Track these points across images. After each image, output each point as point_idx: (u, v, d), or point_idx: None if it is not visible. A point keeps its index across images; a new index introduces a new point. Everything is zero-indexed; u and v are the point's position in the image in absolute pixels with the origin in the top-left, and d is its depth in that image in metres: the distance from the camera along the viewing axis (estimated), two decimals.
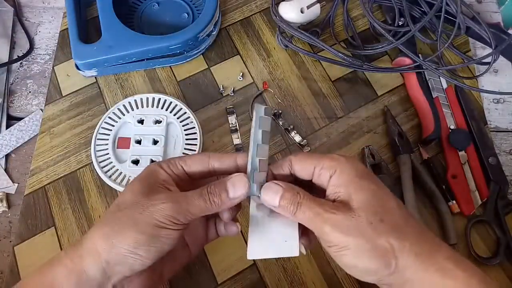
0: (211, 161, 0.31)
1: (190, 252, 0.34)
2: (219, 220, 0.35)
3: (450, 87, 0.51)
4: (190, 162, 0.31)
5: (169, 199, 0.28)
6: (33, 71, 0.55)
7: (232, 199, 0.29)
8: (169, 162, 0.31)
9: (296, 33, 0.51)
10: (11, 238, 0.46)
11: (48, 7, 0.60)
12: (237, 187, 0.29)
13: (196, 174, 0.32)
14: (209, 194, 0.29)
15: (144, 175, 0.31)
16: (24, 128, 0.51)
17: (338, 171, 0.28)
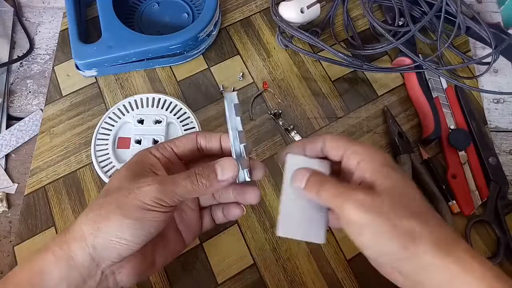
0: (198, 138, 0.32)
1: (183, 240, 0.35)
2: (216, 207, 0.35)
3: (450, 87, 0.51)
4: (179, 143, 0.32)
5: (155, 181, 0.28)
6: (33, 71, 0.55)
7: (220, 181, 0.29)
8: (158, 145, 0.32)
9: (296, 33, 0.51)
10: (11, 238, 0.46)
11: (48, 7, 0.60)
12: (226, 170, 0.29)
13: (186, 154, 0.32)
14: (197, 175, 0.29)
15: (132, 161, 0.31)
16: (24, 128, 0.51)
17: (368, 157, 0.29)
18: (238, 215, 0.35)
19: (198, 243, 0.44)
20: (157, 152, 0.31)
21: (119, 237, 0.27)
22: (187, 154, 0.32)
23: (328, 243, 0.44)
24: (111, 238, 0.27)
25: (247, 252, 0.44)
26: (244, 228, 0.45)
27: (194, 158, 0.33)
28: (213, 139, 0.32)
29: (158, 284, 0.43)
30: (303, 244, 0.44)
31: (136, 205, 0.27)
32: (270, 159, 0.48)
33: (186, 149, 0.32)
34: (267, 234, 0.45)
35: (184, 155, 0.32)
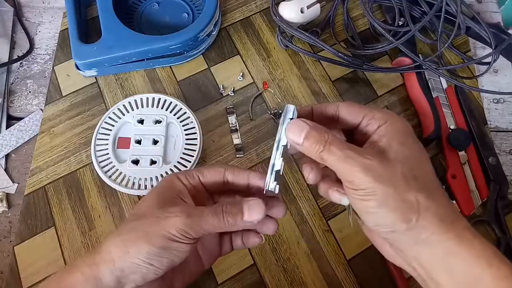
0: (226, 172, 0.32)
1: (202, 264, 0.35)
2: (235, 234, 0.35)
3: (450, 87, 0.51)
4: (207, 173, 0.32)
5: (183, 213, 0.29)
6: (33, 71, 0.55)
7: (246, 222, 0.29)
8: (186, 172, 0.33)
9: (296, 33, 0.51)
10: (11, 238, 0.46)
11: (48, 7, 0.60)
12: (252, 211, 0.29)
13: (212, 185, 0.33)
14: (224, 213, 0.29)
15: (161, 186, 0.32)
16: (24, 128, 0.51)
17: (389, 123, 0.28)
18: (257, 243, 0.35)
19: None
20: (184, 179, 0.32)
21: (146, 263, 0.28)
22: (213, 185, 0.33)
23: (328, 243, 0.44)
24: (139, 263, 0.28)
25: (247, 252, 0.44)
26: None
27: (219, 189, 0.34)
28: (241, 176, 0.32)
29: None
30: (303, 244, 0.44)
31: (163, 235, 0.28)
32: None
33: (213, 180, 0.32)
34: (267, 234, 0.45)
35: (209, 185, 0.33)
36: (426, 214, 0.25)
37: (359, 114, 0.29)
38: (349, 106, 0.30)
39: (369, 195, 0.26)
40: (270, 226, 0.33)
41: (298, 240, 0.45)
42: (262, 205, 0.29)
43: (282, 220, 0.45)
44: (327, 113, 0.30)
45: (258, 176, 0.32)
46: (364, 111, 0.29)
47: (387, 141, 0.27)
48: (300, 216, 0.46)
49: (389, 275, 0.43)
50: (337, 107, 0.30)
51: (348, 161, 0.26)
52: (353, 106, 0.30)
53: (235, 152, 0.49)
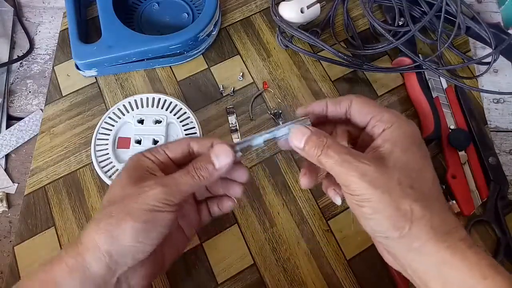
0: (191, 143, 0.32)
1: (186, 237, 0.35)
2: (211, 201, 0.36)
3: (450, 87, 0.51)
4: (172, 146, 0.32)
5: (158, 183, 0.29)
6: (33, 71, 0.55)
7: (218, 169, 0.30)
8: (151, 149, 0.32)
9: (296, 33, 0.51)
10: (11, 238, 0.46)
11: (48, 7, 0.60)
12: (221, 157, 0.30)
13: (179, 158, 0.32)
14: (196, 169, 0.30)
15: (128, 166, 0.31)
16: (24, 128, 0.51)
17: (395, 126, 0.27)
18: (231, 206, 0.36)
19: (198, 243, 0.44)
20: (151, 155, 0.32)
21: (133, 241, 0.28)
22: (180, 158, 0.32)
23: (328, 243, 0.44)
24: (126, 244, 0.28)
25: (247, 252, 0.44)
26: (244, 228, 0.45)
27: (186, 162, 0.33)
28: (205, 144, 0.32)
29: (158, 284, 0.43)
30: (303, 244, 0.44)
31: (145, 209, 0.28)
32: (270, 159, 0.48)
33: (179, 153, 0.32)
34: (267, 234, 0.45)
35: (177, 159, 0.32)
36: (419, 223, 0.25)
37: (368, 114, 0.29)
38: (361, 103, 0.29)
39: (364, 201, 0.26)
40: (237, 189, 0.34)
41: (298, 240, 0.45)
42: (227, 148, 0.30)
43: (282, 220, 0.45)
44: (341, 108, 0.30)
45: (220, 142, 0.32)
46: (373, 111, 0.29)
47: (389, 146, 0.27)
48: (300, 216, 0.46)
49: (389, 275, 0.43)
50: (350, 102, 0.30)
51: (344, 165, 0.26)
52: (364, 105, 0.29)
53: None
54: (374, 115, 0.29)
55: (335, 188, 0.31)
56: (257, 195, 0.47)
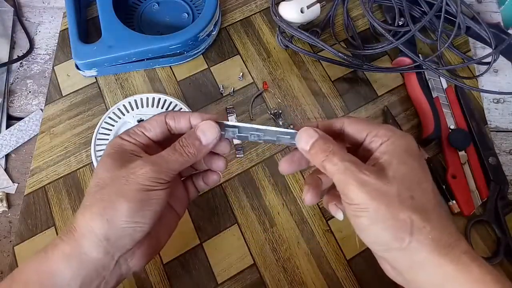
0: (167, 119, 0.32)
1: (177, 214, 0.35)
2: (196, 177, 0.36)
3: (450, 87, 0.51)
4: (149, 126, 0.32)
5: (147, 163, 0.29)
6: (33, 71, 0.55)
7: (206, 145, 0.30)
8: (128, 132, 0.32)
9: (296, 33, 0.51)
10: (11, 238, 0.46)
11: (48, 7, 0.60)
12: (207, 133, 0.30)
13: (158, 136, 0.32)
14: (183, 147, 0.30)
15: (110, 152, 0.31)
16: (24, 128, 0.51)
17: (391, 140, 0.28)
18: (216, 180, 0.36)
19: (198, 243, 0.44)
20: (130, 138, 0.31)
21: (130, 222, 0.28)
22: (159, 136, 0.32)
23: (328, 243, 0.44)
24: (123, 226, 0.27)
25: (247, 252, 0.44)
26: (244, 228, 0.45)
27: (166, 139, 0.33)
28: (182, 120, 0.32)
29: (158, 284, 0.43)
30: (303, 244, 0.44)
31: (137, 189, 0.28)
32: (270, 159, 0.48)
33: (158, 132, 0.32)
34: (267, 234, 0.45)
35: (156, 137, 0.32)
36: (419, 235, 0.25)
37: (363, 131, 0.29)
38: (354, 122, 0.30)
39: (362, 211, 0.26)
40: (220, 162, 0.34)
41: (298, 240, 0.45)
42: (213, 124, 0.30)
43: (282, 220, 0.45)
44: (333, 129, 0.31)
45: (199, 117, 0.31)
46: (369, 127, 0.29)
47: (387, 158, 0.27)
48: (300, 216, 0.46)
49: None
50: (342, 123, 0.30)
51: (346, 173, 0.26)
52: (358, 123, 0.30)
53: (235, 152, 0.49)
54: (370, 131, 0.29)
55: (337, 203, 0.32)
56: (257, 195, 0.47)
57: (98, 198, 0.28)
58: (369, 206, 0.25)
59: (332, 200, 0.32)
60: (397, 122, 0.50)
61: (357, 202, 0.26)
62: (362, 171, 0.26)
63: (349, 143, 0.31)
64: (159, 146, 0.33)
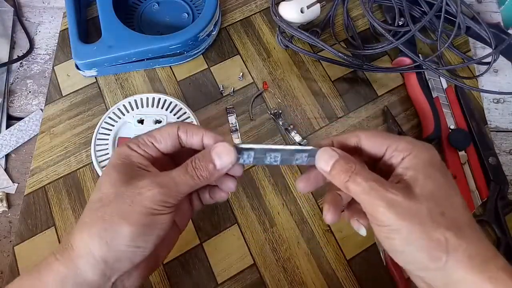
0: (179, 132, 0.30)
1: (179, 229, 0.34)
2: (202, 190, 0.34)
3: (450, 87, 0.51)
4: (160, 137, 0.30)
5: (155, 184, 0.27)
6: (33, 71, 0.55)
7: (220, 170, 0.28)
8: (137, 141, 0.30)
9: (296, 33, 0.51)
10: (11, 238, 0.46)
11: (48, 7, 0.60)
12: (223, 156, 0.28)
13: (168, 149, 0.30)
14: (195, 169, 0.28)
15: (117, 162, 0.29)
16: (24, 128, 0.51)
17: (413, 154, 0.26)
18: (224, 197, 0.33)
19: (198, 243, 0.44)
20: (139, 149, 0.29)
21: (131, 247, 0.26)
22: (169, 149, 0.30)
23: (328, 243, 0.44)
24: (123, 249, 0.26)
25: (247, 252, 0.44)
26: (244, 228, 0.45)
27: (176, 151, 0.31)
28: (194, 137, 0.30)
29: (158, 284, 0.43)
30: (303, 244, 0.44)
31: (142, 212, 0.26)
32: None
33: (168, 144, 0.30)
34: (267, 234, 0.45)
35: (166, 150, 0.30)
36: (456, 253, 0.24)
37: (382, 145, 0.28)
38: (372, 136, 0.29)
39: (393, 232, 0.25)
40: (230, 183, 0.32)
41: (298, 240, 0.45)
42: (229, 147, 0.28)
43: (282, 220, 0.45)
44: (348, 145, 0.29)
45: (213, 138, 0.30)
46: (387, 141, 0.28)
47: (412, 174, 0.26)
48: (300, 216, 0.46)
49: (389, 275, 0.43)
50: (358, 139, 0.29)
51: (372, 194, 0.25)
52: (376, 137, 0.28)
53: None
54: (389, 145, 0.27)
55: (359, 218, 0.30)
56: (257, 195, 0.47)
57: (99, 216, 0.26)
58: (401, 227, 0.24)
59: (353, 215, 0.31)
60: (397, 122, 0.50)
61: (388, 224, 0.25)
62: (388, 190, 0.25)
63: (366, 158, 0.29)
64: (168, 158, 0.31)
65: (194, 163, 0.28)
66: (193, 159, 0.28)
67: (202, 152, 0.29)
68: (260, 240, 0.45)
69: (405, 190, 0.25)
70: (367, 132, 0.29)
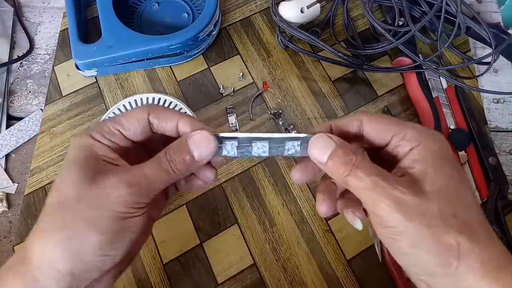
0: (151, 118, 0.26)
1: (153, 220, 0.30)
2: None
3: (450, 87, 0.51)
4: (128, 124, 0.26)
5: (124, 183, 0.23)
6: (33, 71, 0.55)
7: (198, 162, 0.25)
8: (101, 130, 0.25)
9: (296, 33, 0.51)
10: (11, 238, 0.46)
11: (48, 7, 0.60)
12: (202, 147, 0.25)
13: (138, 137, 0.26)
14: (171, 162, 0.24)
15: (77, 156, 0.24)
16: (24, 128, 0.51)
17: (422, 145, 0.23)
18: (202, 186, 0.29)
19: (198, 243, 0.44)
20: (103, 138, 0.25)
21: (99, 256, 0.23)
22: (139, 136, 0.26)
23: (328, 243, 0.44)
24: (91, 260, 0.23)
25: (247, 252, 0.44)
26: (244, 228, 0.45)
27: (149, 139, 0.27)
28: (168, 123, 0.26)
29: (158, 284, 0.43)
30: (303, 244, 0.44)
31: (110, 217, 0.23)
32: (270, 159, 0.48)
33: (138, 132, 0.26)
34: (267, 234, 0.45)
35: (135, 137, 0.26)
36: (468, 259, 0.21)
37: (387, 132, 0.25)
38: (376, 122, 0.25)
39: (399, 234, 0.22)
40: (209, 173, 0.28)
41: (298, 240, 0.45)
42: (209, 136, 0.25)
43: (282, 220, 0.45)
44: (348, 130, 0.26)
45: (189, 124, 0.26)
46: (394, 128, 0.24)
47: (421, 168, 0.23)
48: (300, 216, 0.46)
49: (389, 275, 0.43)
50: (360, 123, 0.26)
51: (375, 189, 0.22)
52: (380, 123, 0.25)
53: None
54: (396, 133, 0.24)
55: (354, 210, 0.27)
56: (257, 195, 0.47)
57: (60, 222, 0.23)
58: (408, 229, 0.22)
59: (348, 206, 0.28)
60: None
61: (393, 224, 0.22)
62: (395, 187, 0.22)
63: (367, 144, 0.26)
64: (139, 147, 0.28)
65: (169, 155, 0.25)
66: (167, 151, 0.25)
67: (177, 142, 0.25)
68: (260, 240, 0.45)
69: (413, 186, 0.22)
70: (371, 116, 0.25)
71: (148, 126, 0.26)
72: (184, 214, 0.45)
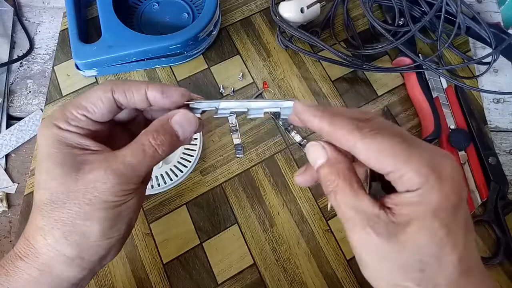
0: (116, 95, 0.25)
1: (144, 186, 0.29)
2: None
3: (450, 87, 0.51)
4: (92, 106, 0.25)
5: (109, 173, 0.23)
6: (33, 71, 0.55)
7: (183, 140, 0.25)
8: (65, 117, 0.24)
9: (296, 33, 0.51)
10: (11, 238, 0.46)
11: (48, 7, 0.60)
12: (186, 126, 0.25)
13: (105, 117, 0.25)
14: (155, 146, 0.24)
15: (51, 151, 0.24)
16: (24, 128, 0.51)
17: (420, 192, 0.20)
18: None
19: (198, 243, 0.44)
20: (70, 126, 0.24)
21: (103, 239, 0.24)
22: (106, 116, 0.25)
23: (328, 243, 0.44)
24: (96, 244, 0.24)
25: (247, 252, 0.44)
26: (244, 228, 0.45)
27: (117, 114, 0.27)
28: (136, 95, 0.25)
29: (158, 284, 0.43)
30: (303, 244, 0.44)
31: (104, 208, 0.24)
32: (270, 159, 0.48)
33: (104, 112, 0.25)
34: (267, 234, 0.45)
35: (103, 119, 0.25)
36: None
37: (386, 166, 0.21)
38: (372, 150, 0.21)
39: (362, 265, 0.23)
40: None
41: (298, 240, 0.45)
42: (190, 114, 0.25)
43: (282, 220, 0.45)
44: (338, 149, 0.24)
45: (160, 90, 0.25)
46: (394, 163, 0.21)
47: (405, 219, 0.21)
48: (300, 216, 0.46)
49: None
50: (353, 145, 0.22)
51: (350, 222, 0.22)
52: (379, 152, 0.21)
53: (234, 152, 0.49)
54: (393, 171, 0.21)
55: None
56: (257, 195, 0.47)
57: (57, 219, 0.23)
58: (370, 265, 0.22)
59: None
60: (397, 122, 0.50)
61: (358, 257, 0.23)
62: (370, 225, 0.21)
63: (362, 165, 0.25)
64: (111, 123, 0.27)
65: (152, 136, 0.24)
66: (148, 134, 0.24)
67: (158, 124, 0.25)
68: (260, 240, 0.45)
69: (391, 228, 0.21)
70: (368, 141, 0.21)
71: (115, 105, 0.25)
72: (184, 214, 0.46)
